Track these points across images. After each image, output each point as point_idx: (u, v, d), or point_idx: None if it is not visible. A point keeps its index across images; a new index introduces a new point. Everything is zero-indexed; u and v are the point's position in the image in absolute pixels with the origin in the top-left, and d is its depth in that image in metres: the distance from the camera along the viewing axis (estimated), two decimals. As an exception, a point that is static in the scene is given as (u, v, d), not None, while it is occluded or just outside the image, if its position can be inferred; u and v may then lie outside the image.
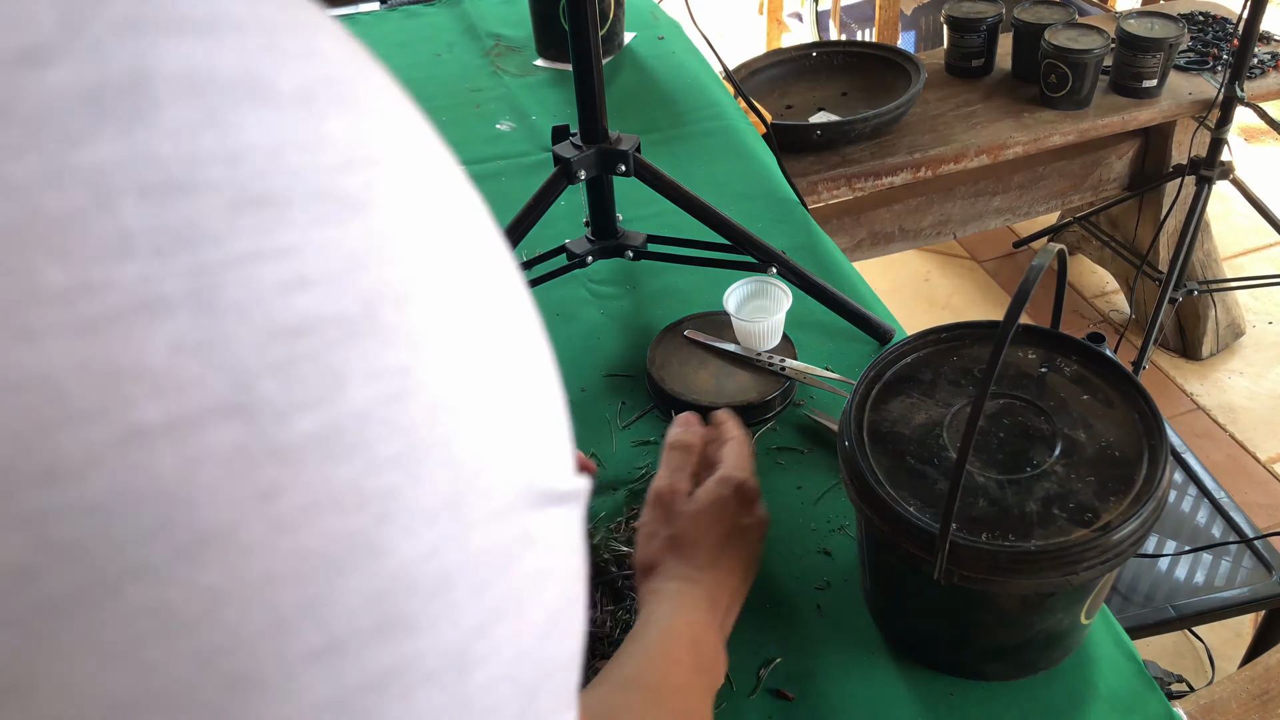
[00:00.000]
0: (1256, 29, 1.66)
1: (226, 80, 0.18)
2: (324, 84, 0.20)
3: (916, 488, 0.64)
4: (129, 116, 0.17)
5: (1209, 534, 1.26)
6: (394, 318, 0.19)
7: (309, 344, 0.18)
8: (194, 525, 0.17)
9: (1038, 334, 0.72)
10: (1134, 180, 2.07)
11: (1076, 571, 0.59)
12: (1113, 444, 0.65)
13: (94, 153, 0.17)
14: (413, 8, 1.71)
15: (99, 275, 0.17)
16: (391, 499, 0.19)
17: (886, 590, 0.73)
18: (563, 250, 0.99)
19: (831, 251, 1.12)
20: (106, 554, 0.17)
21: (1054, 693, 0.69)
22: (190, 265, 0.17)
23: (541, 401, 0.23)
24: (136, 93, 0.17)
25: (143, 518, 0.17)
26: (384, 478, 0.19)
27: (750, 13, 3.41)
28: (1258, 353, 2.24)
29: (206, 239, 0.17)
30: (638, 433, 0.92)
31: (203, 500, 0.17)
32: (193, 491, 0.17)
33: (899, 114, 1.75)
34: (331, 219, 0.19)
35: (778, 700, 0.70)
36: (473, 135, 1.38)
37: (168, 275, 0.17)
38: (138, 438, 0.17)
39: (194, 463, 0.17)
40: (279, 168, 0.19)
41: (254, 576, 0.18)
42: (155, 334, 0.17)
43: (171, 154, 0.17)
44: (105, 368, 0.16)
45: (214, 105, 0.18)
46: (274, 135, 0.19)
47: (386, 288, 0.19)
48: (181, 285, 0.17)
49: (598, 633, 0.73)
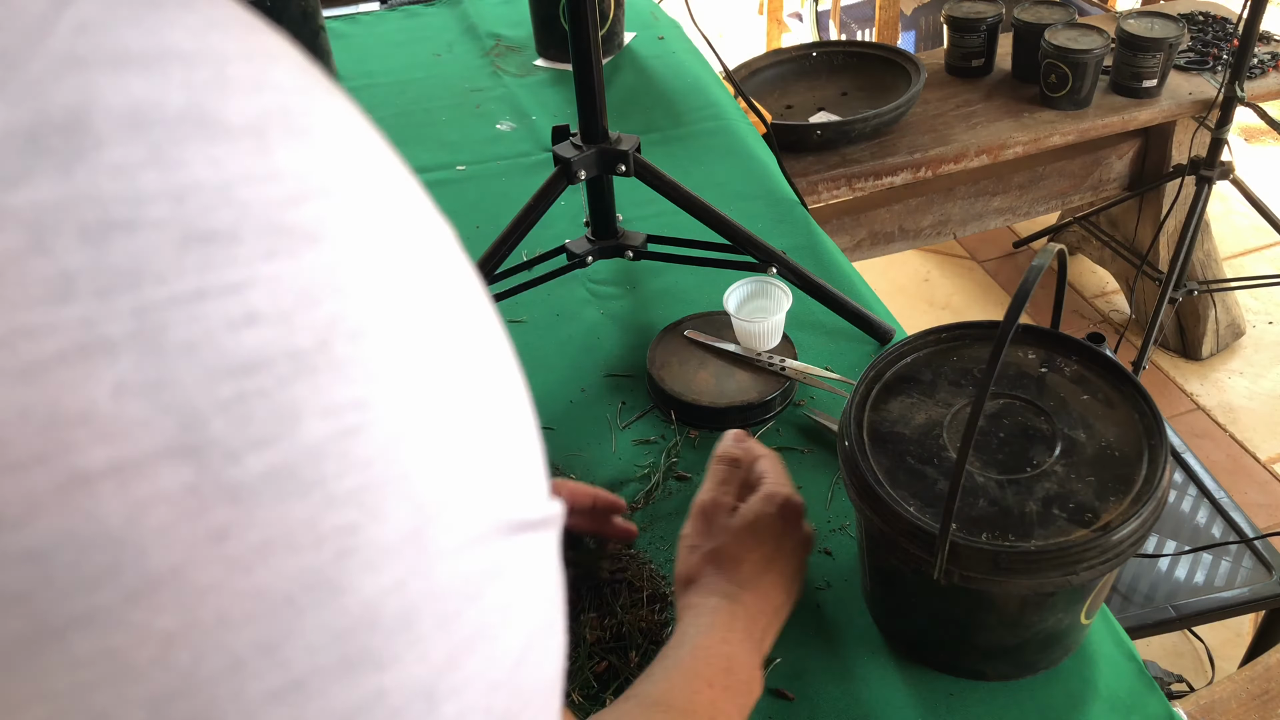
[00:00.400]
0: (1256, 29, 1.66)
1: (172, 115, 0.18)
2: (275, 115, 0.20)
3: (916, 488, 0.64)
4: (69, 155, 0.17)
5: (1209, 534, 1.26)
6: (348, 351, 0.19)
7: (260, 381, 0.18)
8: (143, 569, 0.17)
9: (1038, 334, 0.72)
10: (1134, 180, 2.07)
11: (1076, 571, 0.59)
12: (1113, 444, 0.65)
13: (31, 193, 0.17)
14: (413, 8, 1.71)
15: (37, 319, 0.16)
16: (350, 535, 0.19)
17: (887, 590, 0.73)
18: (563, 250, 0.99)
19: (831, 251, 1.12)
20: (50, 601, 0.16)
21: (1054, 693, 0.69)
22: (134, 305, 0.17)
23: (509, 428, 0.23)
24: (77, 131, 0.17)
25: (88, 563, 0.16)
26: (341, 514, 0.19)
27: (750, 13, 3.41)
28: (1258, 353, 2.24)
29: (151, 278, 0.17)
30: (638, 432, 0.92)
31: (152, 543, 0.17)
32: (141, 535, 0.17)
33: (899, 114, 1.75)
34: (282, 253, 0.19)
35: (778, 700, 0.70)
36: (473, 135, 1.38)
37: (111, 316, 0.17)
38: (81, 483, 0.16)
39: (142, 506, 0.17)
40: (227, 203, 0.18)
41: (208, 619, 0.17)
42: (98, 377, 0.17)
43: (114, 192, 0.17)
44: (45, 413, 0.16)
45: (159, 141, 0.18)
46: (222, 170, 0.18)
47: (340, 321, 0.19)
48: (125, 326, 0.17)
49: (582, 634, 0.73)
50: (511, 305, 1.02)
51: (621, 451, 0.90)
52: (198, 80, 0.19)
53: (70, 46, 0.18)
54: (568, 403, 0.95)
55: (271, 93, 0.20)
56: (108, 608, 0.17)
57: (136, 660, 0.17)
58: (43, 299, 0.16)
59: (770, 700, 0.70)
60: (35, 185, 0.17)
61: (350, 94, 0.22)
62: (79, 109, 0.17)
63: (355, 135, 0.22)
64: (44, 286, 0.16)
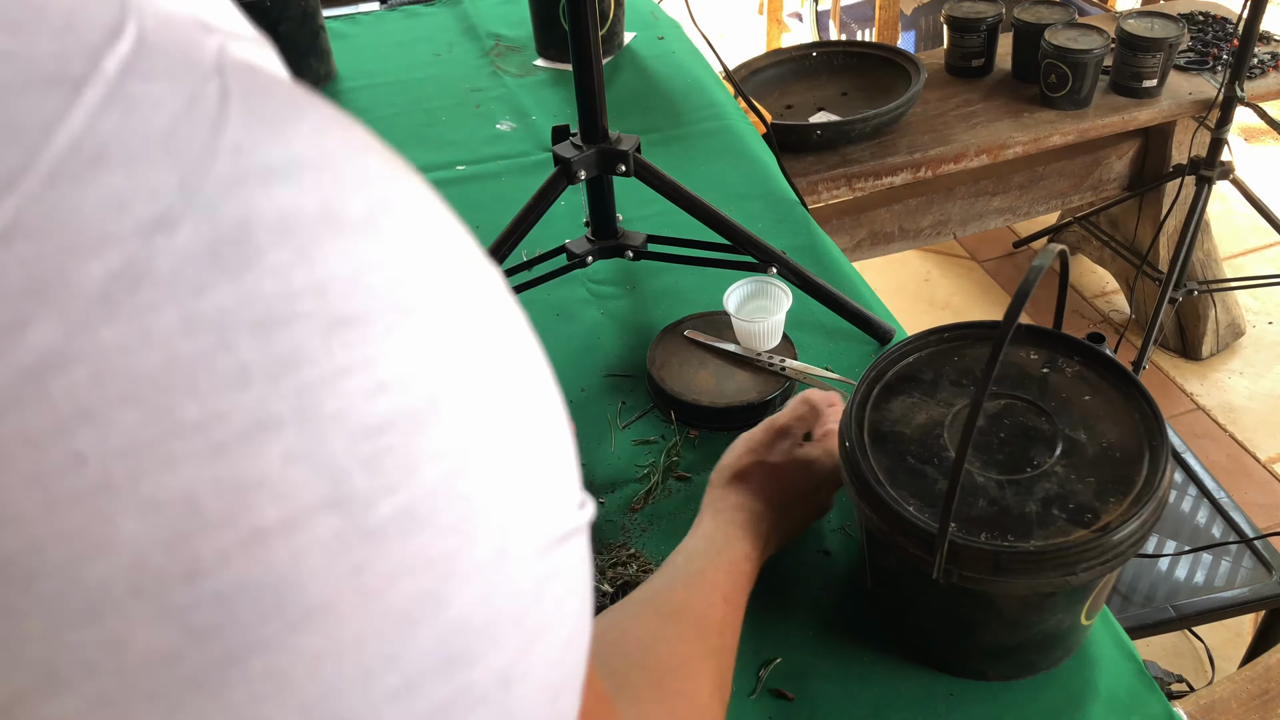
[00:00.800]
0: (1256, 29, 1.66)
1: (309, 217, 0.21)
2: (379, 205, 0.23)
3: (917, 487, 0.64)
4: (240, 264, 0.20)
5: (1209, 534, 1.26)
6: (452, 405, 0.22)
7: (389, 439, 0.21)
8: (302, 603, 0.20)
9: (1039, 334, 0.72)
10: (1134, 180, 2.07)
11: (1076, 572, 0.59)
12: (1113, 445, 0.65)
13: (214, 299, 0.20)
14: (413, 8, 1.71)
15: (225, 404, 0.19)
16: (453, 559, 0.22)
17: (886, 590, 0.73)
18: (563, 250, 0.99)
19: (831, 251, 1.12)
20: (235, 634, 0.20)
21: (1054, 693, 0.69)
22: (295, 386, 0.20)
23: (559, 451, 0.26)
24: (244, 241, 0.20)
25: (262, 601, 0.20)
26: (448, 542, 0.22)
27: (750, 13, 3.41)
28: (1258, 353, 2.24)
29: (306, 361, 0.20)
30: (638, 432, 0.92)
31: (308, 581, 0.20)
32: (300, 575, 0.20)
33: (899, 114, 1.75)
34: (398, 328, 0.22)
35: (778, 700, 0.70)
36: (473, 135, 1.38)
37: (278, 397, 0.20)
38: (259, 537, 0.20)
39: (301, 552, 0.20)
40: (357, 289, 0.21)
41: (348, 638, 0.21)
42: (270, 449, 0.20)
43: (273, 292, 0.20)
44: (232, 482, 0.19)
45: (302, 243, 0.21)
46: (351, 261, 0.21)
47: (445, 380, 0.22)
48: (289, 405, 0.20)
49: None
50: (511, 305, 1.01)
51: (621, 451, 0.90)
52: (325, 183, 0.22)
53: (232, 167, 0.20)
54: (568, 403, 0.95)
55: (375, 184, 0.23)
56: (277, 635, 0.20)
57: (295, 676, 0.20)
58: (227, 387, 0.19)
59: (770, 700, 0.70)
60: (217, 292, 0.20)
61: (350, 94, 0.23)
62: (244, 222, 0.20)
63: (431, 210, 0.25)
64: (229, 377, 0.19)
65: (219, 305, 0.20)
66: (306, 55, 1.46)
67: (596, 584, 0.76)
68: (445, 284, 0.23)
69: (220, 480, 0.19)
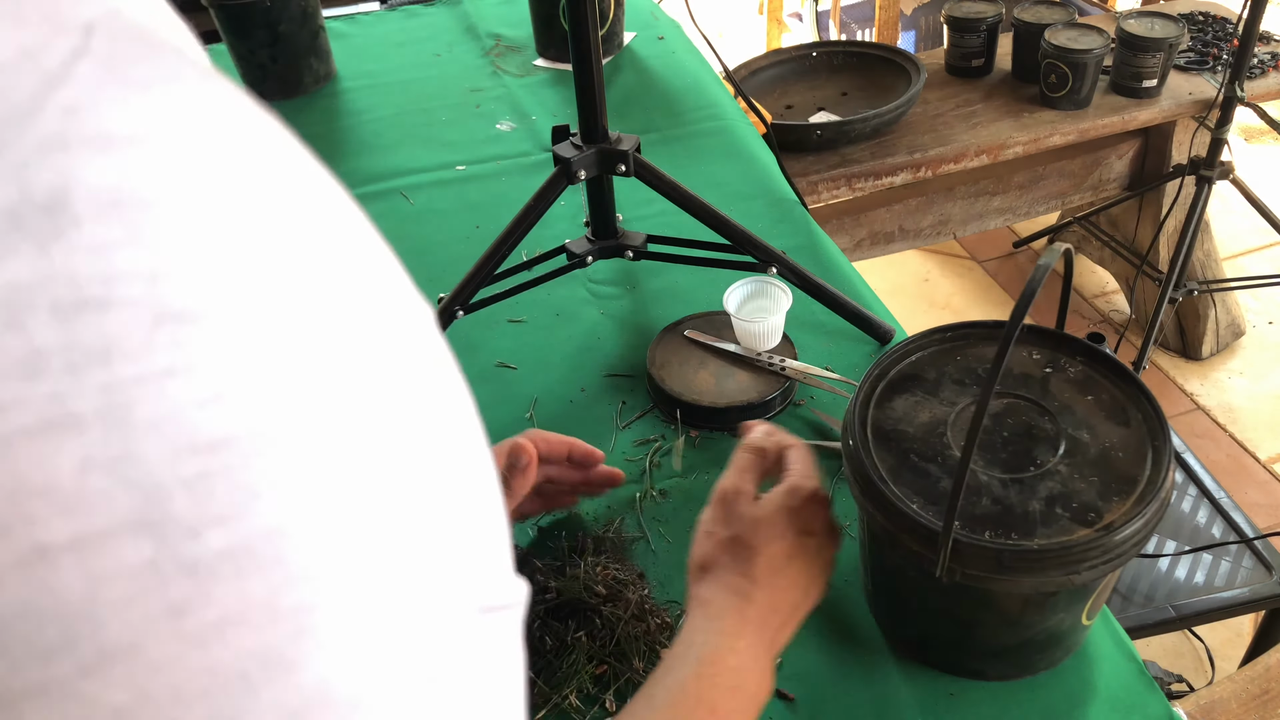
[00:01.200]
0: (1256, 29, 1.66)
1: (151, 195, 0.18)
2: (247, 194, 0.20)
3: (920, 486, 0.64)
4: (47, 235, 0.17)
5: (1209, 534, 1.26)
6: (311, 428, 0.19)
7: (222, 459, 0.18)
8: (99, 643, 0.17)
9: (1042, 334, 0.72)
10: (1134, 180, 2.07)
11: (1079, 571, 0.59)
12: (1116, 445, 0.65)
13: (7, 271, 0.17)
14: (413, 8, 1.71)
15: (6, 394, 0.16)
16: (306, 614, 0.19)
17: (888, 589, 0.73)
18: (563, 250, 0.99)
19: (831, 251, 1.11)
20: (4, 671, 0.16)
21: (1054, 693, 0.69)
22: (103, 382, 0.17)
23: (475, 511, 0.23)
24: (56, 210, 0.17)
25: (44, 636, 0.16)
26: (300, 593, 0.18)
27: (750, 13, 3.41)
28: (1258, 353, 2.24)
29: (121, 356, 0.17)
30: (638, 432, 0.92)
31: (109, 617, 0.17)
32: (99, 609, 0.17)
33: (899, 114, 1.75)
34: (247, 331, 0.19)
35: (778, 700, 0.70)
36: (473, 135, 1.38)
37: (79, 393, 0.17)
38: (41, 556, 0.16)
39: (101, 580, 0.17)
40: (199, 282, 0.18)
41: (162, 694, 0.17)
42: (63, 452, 0.17)
43: (89, 272, 0.17)
44: (10, 486, 0.16)
45: (136, 221, 0.18)
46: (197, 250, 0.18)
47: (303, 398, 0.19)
48: (93, 402, 0.17)
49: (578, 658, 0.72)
50: (511, 305, 1.01)
51: (621, 451, 0.90)
52: (177, 160, 0.19)
53: (57, 128, 0.18)
54: (568, 403, 0.95)
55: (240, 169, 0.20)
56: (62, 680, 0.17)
57: None
58: (12, 374, 0.17)
59: (770, 700, 0.70)
60: (12, 263, 0.17)
61: (350, 94, 0.22)
62: (60, 189, 0.17)
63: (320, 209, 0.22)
64: (14, 363, 0.17)
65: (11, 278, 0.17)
66: (306, 55, 1.46)
67: (590, 586, 0.75)
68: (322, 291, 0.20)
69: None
